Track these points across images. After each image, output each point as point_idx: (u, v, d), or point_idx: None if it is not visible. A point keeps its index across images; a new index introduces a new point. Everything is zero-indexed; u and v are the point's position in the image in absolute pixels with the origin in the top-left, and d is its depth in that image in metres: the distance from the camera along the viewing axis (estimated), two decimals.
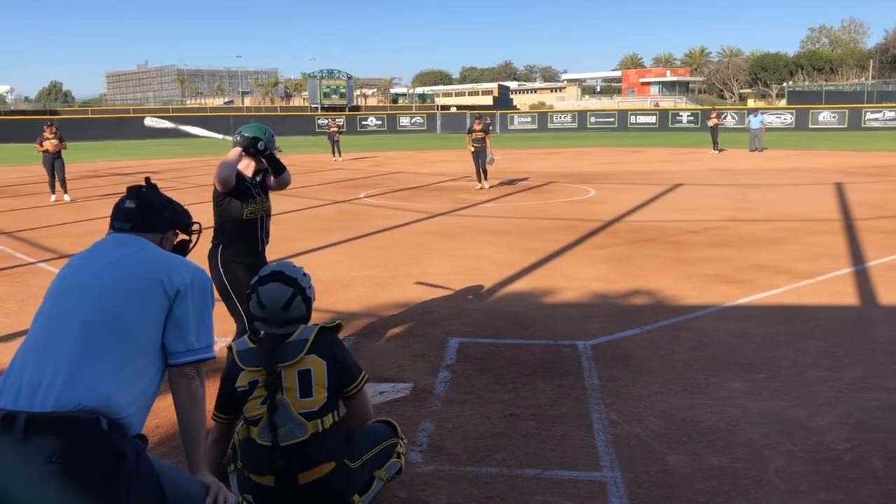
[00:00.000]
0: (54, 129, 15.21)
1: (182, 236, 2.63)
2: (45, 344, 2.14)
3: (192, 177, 19.84)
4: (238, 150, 4.32)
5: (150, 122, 4.98)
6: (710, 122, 27.35)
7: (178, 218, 2.57)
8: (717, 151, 26.51)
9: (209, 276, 2.43)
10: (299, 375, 2.70)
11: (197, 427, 2.31)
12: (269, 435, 2.67)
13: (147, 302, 2.22)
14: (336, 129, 27.57)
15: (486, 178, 15.89)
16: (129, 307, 2.19)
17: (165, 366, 2.28)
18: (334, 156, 26.64)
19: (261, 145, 4.33)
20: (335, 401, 2.77)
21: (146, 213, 2.45)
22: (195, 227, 2.66)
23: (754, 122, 27.68)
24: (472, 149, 15.89)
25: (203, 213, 3.84)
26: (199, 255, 3.58)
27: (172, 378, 2.29)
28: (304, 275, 2.96)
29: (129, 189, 2.51)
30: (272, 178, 4.52)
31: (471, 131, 16.05)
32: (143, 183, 2.58)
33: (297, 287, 2.84)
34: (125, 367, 2.13)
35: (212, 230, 4.34)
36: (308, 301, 2.89)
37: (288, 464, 2.65)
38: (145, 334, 2.20)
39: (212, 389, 4.50)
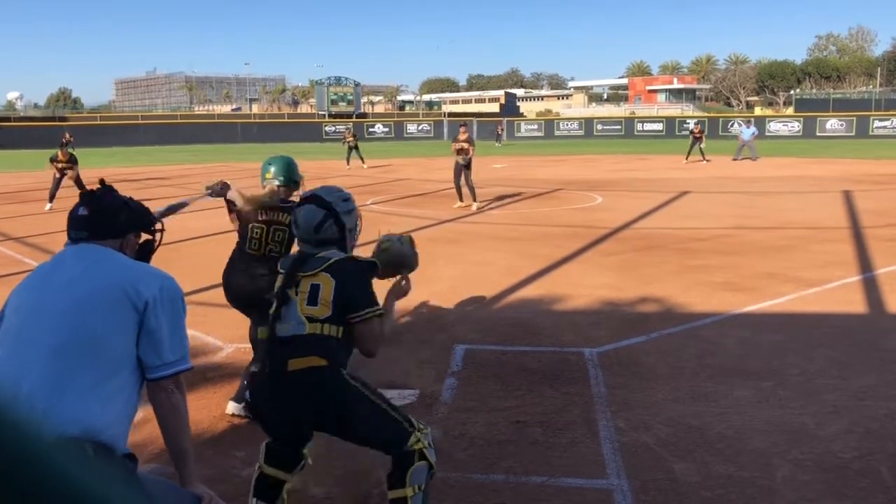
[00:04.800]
0: (66, 151, 15.51)
1: (145, 236, 2.51)
2: (16, 373, 2.05)
3: (200, 183, 19.93)
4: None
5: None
6: (698, 133, 26.60)
7: (137, 218, 2.43)
8: (695, 161, 25.76)
9: (177, 283, 2.37)
10: (311, 287, 2.83)
11: (183, 440, 2.26)
12: (274, 327, 2.82)
13: (116, 316, 2.13)
14: (351, 137, 27.65)
15: (474, 197, 13.82)
16: (98, 324, 2.11)
17: (142, 379, 2.20)
18: (349, 164, 26.75)
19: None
20: (341, 320, 2.81)
21: (100, 219, 2.32)
22: (157, 225, 2.55)
23: (746, 132, 27.72)
24: (456, 159, 14.03)
25: (217, 219, 3.84)
26: (166, 260, 3.59)
27: (151, 393, 2.21)
28: (345, 200, 3.00)
29: (82, 195, 2.40)
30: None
31: (456, 140, 14.12)
32: (99, 186, 2.46)
33: (330, 210, 2.93)
34: (103, 385, 2.07)
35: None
36: (342, 225, 2.94)
37: (283, 352, 2.76)
38: (118, 350, 2.12)
39: (214, 398, 4.51)
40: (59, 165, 15.06)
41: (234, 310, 4.51)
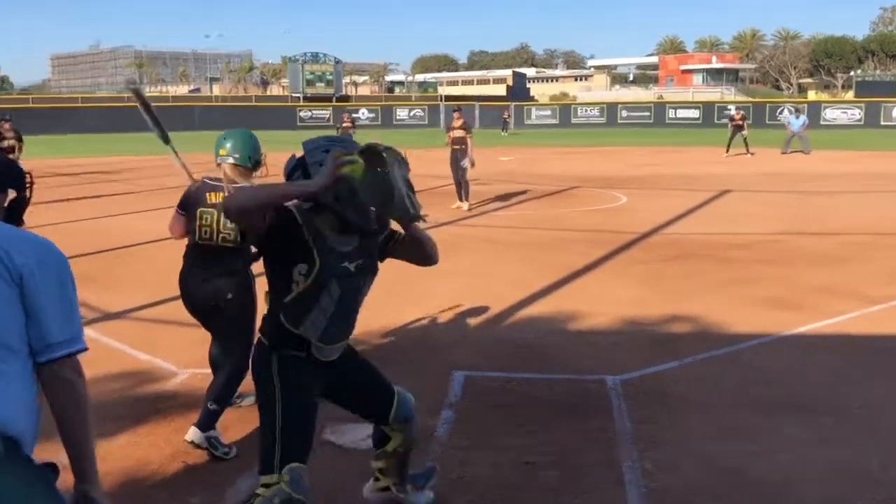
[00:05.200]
0: (12, 126, 15.43)
1: (12, 194, 2.43)
2: None
3: (154, 178, 19.90)
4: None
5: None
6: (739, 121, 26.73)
7: (2, 172, 2.38)
8: (737, 154, 25.92)
9: (58, 249, 2.26)
10: None
11: (81, 433, 2.19)
12: None
13: None
14: (350, 123, 27.63)
15: (466, 197, 14.14)
16: None
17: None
18: None
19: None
20: (272, 281, 3.09)
21: None
22: (27, 179, 2.48)
23: (795, 123, 27.85)
24: (452, 150, 14.40)
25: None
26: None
27: (44, 380, 2.16)
28: (326, 151, 3.04)
29: None
30: None
31: (450, 129, 14.68)
32: None
33: (301, 160, 3.15)
34: None
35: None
36: (308, 177, 3.09)
37: None
38: (4, 329, 2.08)
39: (165, 432, 4.50)
40: (5, 144, 14.99)
41: (190, 328, 4.52)
